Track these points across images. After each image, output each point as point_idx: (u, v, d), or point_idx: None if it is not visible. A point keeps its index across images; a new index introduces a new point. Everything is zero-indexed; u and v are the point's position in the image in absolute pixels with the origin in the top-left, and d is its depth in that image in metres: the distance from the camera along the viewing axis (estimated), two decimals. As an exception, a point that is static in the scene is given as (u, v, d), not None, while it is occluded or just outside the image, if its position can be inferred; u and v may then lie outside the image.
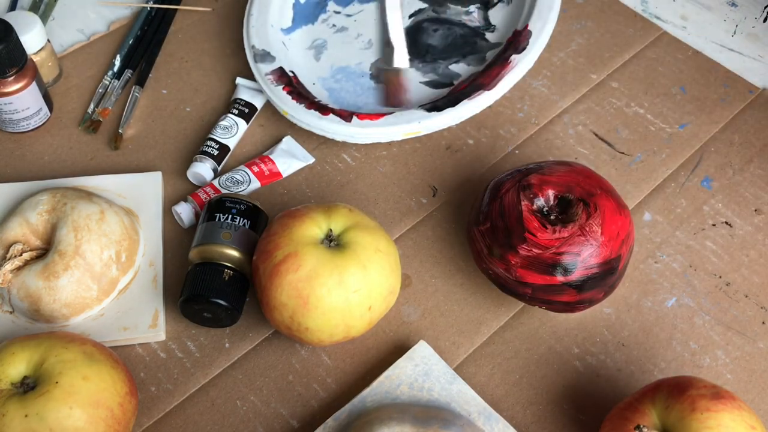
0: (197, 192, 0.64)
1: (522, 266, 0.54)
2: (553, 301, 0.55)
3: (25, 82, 0.66)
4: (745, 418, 0.47)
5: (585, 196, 0.54)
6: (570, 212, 0.54)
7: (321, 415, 0.55)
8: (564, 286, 0.53)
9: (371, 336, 0.59)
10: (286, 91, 0.68)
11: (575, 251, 0.53)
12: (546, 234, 0.53)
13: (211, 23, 0.79)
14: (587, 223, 0.53)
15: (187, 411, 0.56)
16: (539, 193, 0.55)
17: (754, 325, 0.60)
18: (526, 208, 0.54)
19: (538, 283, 0.54)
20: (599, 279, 0.53)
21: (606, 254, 0.53)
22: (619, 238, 0.54)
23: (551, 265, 0.53)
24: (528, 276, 0.54)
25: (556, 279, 0.53)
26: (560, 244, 0.53)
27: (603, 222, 0.53)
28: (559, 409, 0.56)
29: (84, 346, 0.51)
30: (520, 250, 0.53)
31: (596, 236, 0.53)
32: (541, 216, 0.54)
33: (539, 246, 0.53)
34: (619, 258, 0.54)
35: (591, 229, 0.53)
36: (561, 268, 0.53)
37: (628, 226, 0.55)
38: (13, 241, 0.59)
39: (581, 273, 0.53)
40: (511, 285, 0.55)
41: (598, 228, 0.53)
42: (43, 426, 0.47)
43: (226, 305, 0.56)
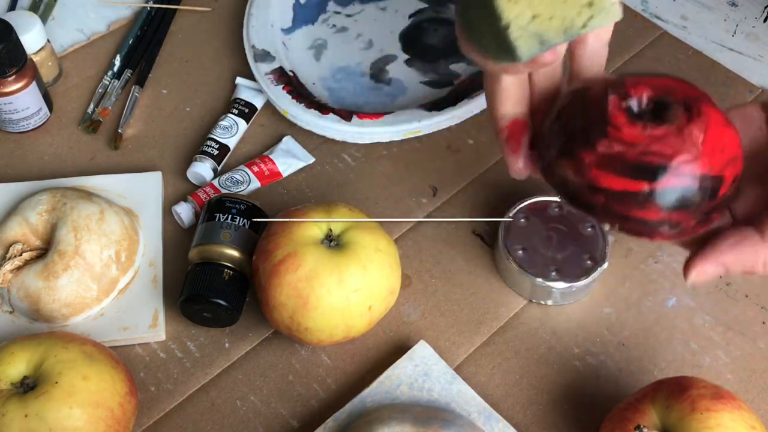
0: (197, 192, 0.64)
1: (598, 166, 0.43)
2: (630, 217, 0.43)
3: (24, 82, 0.66)
4: (745, 418, 0.47)
5: (688, 100, 0.44)
6: (666, 116, 0.43)
7: (321, 415, 0.55)
8: (647, 196, 0.42)
9: (371, 336, 0.59)
10: (286, 91, 0.68)
11: (668, 153, 0.42)
12: (634, 129, 0.42)
13: (211, 23, 0.78)
14: (687, 125, 0.42)
15: (187, 411, 0.56)
16: (632, 93, 0.44)
17: (755, 325, 0.59)
18: (613, 103, 0.44)
19: (615, 188, 0.43)
20: (693, 197, 0.43)
21: (706, 167, 0.42)
22: (725, 154, 0.43)
23: (635, 166, 0.42)
24: (604, 179, 0.43)
25: (639, 185, 0.42)
26: (650, 142, 0.42)
27: (707, 128, 0.42)
28: (559, 409, 0.56)
29: (84, 346, 0.51)
30: (599, 146, 0.43)
31: (696, 142, 0.42)
32: (629, 114, 0.44)
33: (623, 142, 0.42)
34: (721, 180, 0.43)
35: (691, 133, 0.42)
36: (647, 170, 0.42)
37: (737, 148, 0.44)
38: (13, 241, 0.59)
39: (672, 182, 0.42)
40: (581, 192, 0.44)
41: (701, 134, 0.42)
42: (43, 426, 0.47)
43: (225, 305, 0.56)
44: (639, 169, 0.42)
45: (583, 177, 0.44)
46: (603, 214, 0.44)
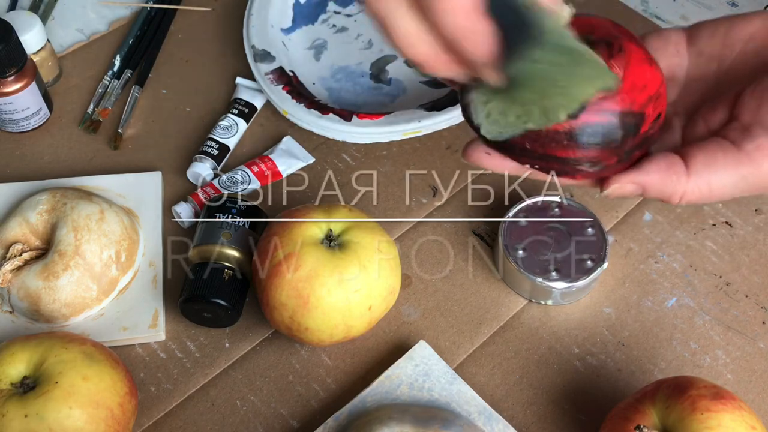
0: (197, 192, 0.64)
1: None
2: (550, 156, 0.43)
3: (24, 82, 0.66)
4: (745, 418, 0.47)
5: (609, 37, 0.43)
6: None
7: (321, 415, 0.55)
8: (567, 134, 0.42)
9: (371, 336, 0.59)
10: (285, 91, 0.68)
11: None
12: None
13: (211, 23, 0.79)
14: (607, 63, 0.41)
15: (186, 411, 0.56)
16: None
17: (755, 325, 0.59)
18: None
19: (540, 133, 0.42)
20: (614, 134, 0.42)
21: (626, 103, 0.41)
22: (645, 91, 0.42)
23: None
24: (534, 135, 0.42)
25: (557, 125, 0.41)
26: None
27: (627, 66, 0.42)
28: (559, 409, 0.56)
29: (84, 346, 0.51)
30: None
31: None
32: None
33: None
34: (642, 116, 0.42)
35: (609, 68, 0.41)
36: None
37: (660, 85, 0.43)
38: (13, 241, 0.59)
39: (591, 119, 0.41)
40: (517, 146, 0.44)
41: (620, 71, 0.42)
42: (43, 426, 0.47)
43: (225, 305, 0.56)
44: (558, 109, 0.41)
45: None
46: (523, 154, 0.43)
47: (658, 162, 0.42)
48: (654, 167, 0.42)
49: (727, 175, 0.41)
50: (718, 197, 0.42)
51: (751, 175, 0.40)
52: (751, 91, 0.42)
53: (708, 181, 0.41)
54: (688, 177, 0.41)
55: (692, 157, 0.41)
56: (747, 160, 0.40)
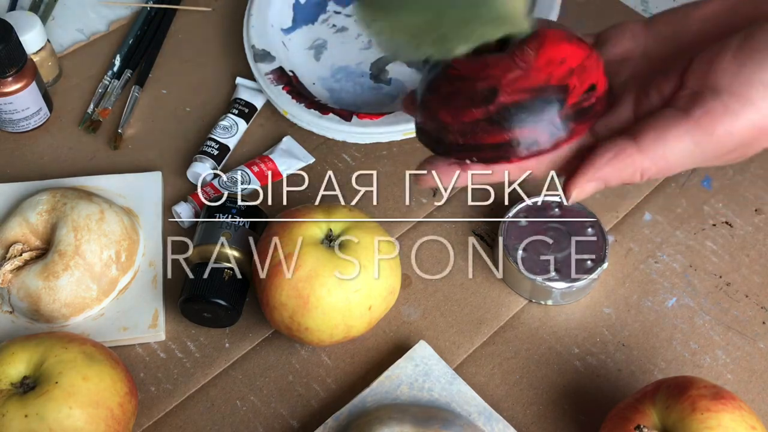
0: (197, 192, 0.64)
1: (442, 106, 0.44)
2: (482, 145, 0.43)
3: (24, 82, 0.66)
4: (745, 418, 0.47)
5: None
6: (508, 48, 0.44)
7: (321, 415, 0.55)
8: (490, 120, 0.43)
9: (371, 336, 0.59)
10: (285, 91, 0.68)
11: (498, 74, 0.42)
12: (470, 64, 0.43)
13: (211, 23, 0.78)
14: (519, 47, 0.42)
15: (186, 411, 0.56)
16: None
17: (755, 325, 0.59)
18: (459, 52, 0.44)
19: (462, 121, 0.43)
20: (533, 110, 0.42)
21: (541, 78, 0.42)
22: (564, 65, 0.43)
23: (471, 94, 0.43)
24: (447, 116, 0.44)
25: (478, 111, 0.43)
26: (482, 70, 0.42)
27: (541, 45, 0.43)
28: (559, 409, 0.56)
29: (84, 346, 0.51)
30: (441, 88, 0.44)
31: (528, 59, 0.42)
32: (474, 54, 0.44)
33: (461, 78, 0.43)
34: (565, 89, 0.43)
35: (522, 53, 0.42)
36: (482, 95, 0.42)
37: (584, 58, 0.43)
38: (13, 241, 0.59)
39: (507, 99, 0.42)
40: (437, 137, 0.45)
41: (533, 51, 0.42)
42: (43, 426, 0.47)
43: (225, 305, 0.56)
44: (475, 97, 0.42)
45: (433, 121, 0.44)
46: (460, 151, 0.44)
47: (605, 151, 0.42)
48: (603, 158, 0.41)
49: (680, 144, 0.40)
50: (679, 167, 0.41)
51: (705, 141, 0.40)
52: (699, 57, 0.41)
53: (663, 154, 0.40)
54: (642, 153, 0.41)
55: (643, 133, 0.41)
56: (697, 126, 0.40)
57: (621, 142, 0.41)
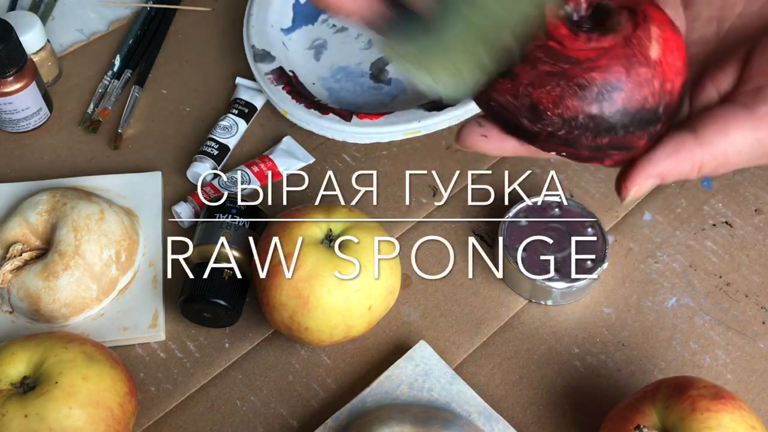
0: (197, 192, 0.64)
1: (539, 86, 0.37)
2: (579, 143, 0.39)
3: (24, 82, 0.66)
4: (745, 418, 0.47)
5: (630, 3, 0.39)
6: (609, 23, 0.38)
7: (321, 415, 0.55)
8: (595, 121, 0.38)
9: (371, 336, 0.59)
10: (285, 91, 0.68)
11: (619, 68, 0.37)
12: (577, 42, 0.37)
13: (211, 23, 0.78)
14: (635, 34, 0.37)
15: (186, 411, 0.56)
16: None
17: (755, 325, 0.59)
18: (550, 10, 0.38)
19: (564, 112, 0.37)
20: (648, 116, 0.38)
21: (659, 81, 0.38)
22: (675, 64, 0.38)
23: (583, 85, 0.37)
24: (547, 99, 0.37)
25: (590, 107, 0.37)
26: (598, 56, 0.37)
27: (658, 37, 0.38)
28: (559, 409, 0.56)
29: (84, 346, 0.51)
30: (539, 64, 0.37)
31: (647, 53, 0.37)
32: (570, 24, 0.38)
33: (567, 59, 0.37)
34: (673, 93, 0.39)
35: (641, 43, 0.37)
36: (598, 90, 0.37)
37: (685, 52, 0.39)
38: (13, 241, 0.59)
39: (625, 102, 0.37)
40: (521, 117, 0.39)
41: (649, 43, 0.37)
42: (43, 426, 0.47)
43: (225, 305, 0.56)
44: (589, 89, 0.37)
45: (523, 99, 0.38)
46: (548, 141, 0.39)
47: (664, 147, 0.39)
48: (662, 154, 0.39)
49: (742, 140, 0.38)
50: (735, 164, 0.39)
51: (767, 138, 0.38)
52: (761, 51, 0.39)
53: (723, 150, 0.39)
54: (701, 148, 0.39)
55: (703, 127, 0.39)
56: (761, 124, 0.38)
57: (680, 135, 0.39)
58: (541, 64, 0.37)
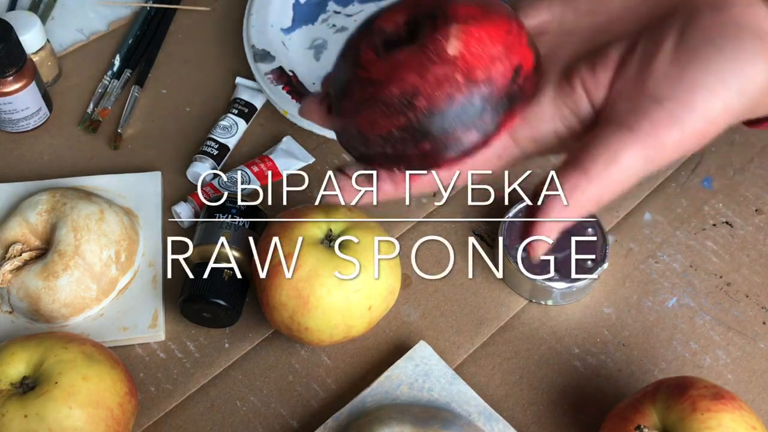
0: (197, 192, 0.64)
1: (356, 114, 0.39)
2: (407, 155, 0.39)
3: (24, 82, 0.66)
4: (745, 418, 0.47)
5: (433, 8, 0.38)
6: (418, 35, 0.38)
7: (321, 416, 0.55)
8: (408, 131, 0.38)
9: (371, 336, 0.59)
10: (285, 91, 0.68)
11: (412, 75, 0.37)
12: (379, 64, 0.38)
13: (211, 23, 0.78)
14: (430, 36, 0.37)
15: (186, 411, 0.56)
16: (385, 25, 0.40)
17: (755, 325, 0.59)
18: (366, 44, 0.39)
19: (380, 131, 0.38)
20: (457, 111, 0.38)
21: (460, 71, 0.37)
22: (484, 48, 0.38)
23: (386, 101, 0.38)
24: (365, 124, 0.39)
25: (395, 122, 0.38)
26: (394, 71, 0.37)
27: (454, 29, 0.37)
28: (559, 409, 0.56)
29: (83, 346, 0.51)
30: (354, 94, 0.39)
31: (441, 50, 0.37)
32: (382, 47, 0.39)
33: (372, 82, 0.38)
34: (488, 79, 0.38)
35: (434, 43, 0.37)
36: (397, 102, 0.37)
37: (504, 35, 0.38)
38: (13, 241, 0.59)
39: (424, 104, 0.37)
40: (356, 145, 0.40)
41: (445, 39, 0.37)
42: (43, 426, 0.47)
43: (225, 305, 0.56)
44: (392, 104, 0.37)
45: (352, 130, 0.40)
46: (384, 161, 0.40)
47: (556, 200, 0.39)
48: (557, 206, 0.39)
49: (633, 162, 0.38)
50: (628, 185, 0.39)
51: (655, 154, 0.38)
52: (636, 61, 0.38)
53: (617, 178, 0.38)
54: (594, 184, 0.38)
55: (590, 161, 0.38)
56: (646, 141, 0.37)
57: (570, 178, 0.39)
58: (357, 93, 0.39)
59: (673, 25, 0.38)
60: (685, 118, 0.37)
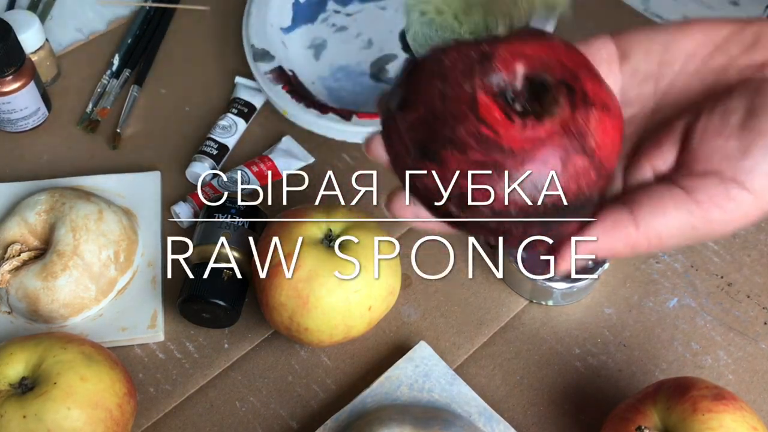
0: (196, 192, 0.64)
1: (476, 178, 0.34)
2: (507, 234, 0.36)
3: (23, 82, 0.66)
4: (746, 418, 0.47)
5: (569, 78, 0.35)
6: (546, 101, 0.35)
7: (321, 416, 0.55)
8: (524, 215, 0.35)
9: (371, 336, 0.59)
10: (285, 90, 0.68)
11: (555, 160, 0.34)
12: (512, 130, 0.33)
13: (210, 22, 0.78)
14: (573, 119, 0.34)
15: (186, 412, 0.56)
16: (502, 68, 0.35)
17: (756, 326, 0.59)
18: (482, 89, 0.34)
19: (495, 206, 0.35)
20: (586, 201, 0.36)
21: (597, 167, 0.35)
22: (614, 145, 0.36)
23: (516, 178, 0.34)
24: (482, 195, 0.34)
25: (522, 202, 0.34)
26: (534, 147, 0.34)
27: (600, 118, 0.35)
28: (560, 409, 0.56)
29: (82, 346, 0.51)
30: (470, 152, 0.34)
31: (585, 140, 0.34)
32: (504, 103, 0.34)
33: (500, 149, 0.33)
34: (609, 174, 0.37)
35: (579, 130, 0.34)
36: (534, 183, 0.34)
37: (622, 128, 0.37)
38: (11, 241, 0.59)
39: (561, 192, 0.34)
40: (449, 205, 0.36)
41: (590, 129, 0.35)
42: (42, 427, 0.47)
43: (225, 306, 0.56)
44: (523, 183, 0.34)
45: (452, 188, 0.35)
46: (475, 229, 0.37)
47: (602, 224, 0.38)
48: (599, 231, 0.38)
49: (678, 224, 0.37)
50: (666, 247, 0.38)
51: (702, 225, 0.37)
52: (700, 132, 0.38)
53: (658, 232, 0.37)
54: (637, 228, 0.37)
55: (639, 206, 0.38)
56: (698, 210, 0.37)
57: (617, 212, 0.38)
58: (472, 152, 0.34)
59: (740, 101, 0.37)
60: (740, 200, 0.37)
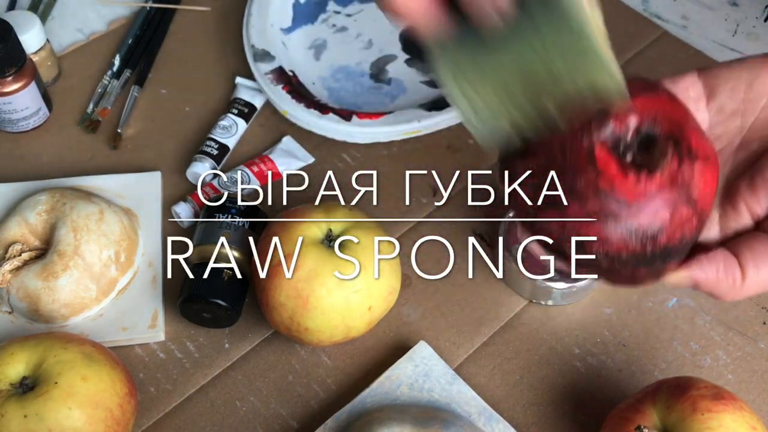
0: (196, 192, 0.64)
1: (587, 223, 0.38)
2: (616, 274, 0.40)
3: (24, 82, 0.66)
4: (746, 418, 0.47)
5: (675, 131, 0.38)
6: (655, 154, 0.38)
7: (321, 416, 0.55)
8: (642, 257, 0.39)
9: (371, 336, 0.59)
10: (285, 91, 0.68)
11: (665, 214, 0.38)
12: (627, 183, 0.37)
13: (211, 23, 0.78)
14: (680, 172, 0.38)
15: (186, 412, 0.56)
16: (616, 122, 0.38)
17: (755, 326, 0.59)
18: (600, 143, 0.38)
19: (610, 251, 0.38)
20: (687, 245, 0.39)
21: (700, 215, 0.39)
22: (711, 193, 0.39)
23: (630, 227, 0.38)
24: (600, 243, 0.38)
25: (634, 247, 0.38)
26: (646, 200, 0.37)
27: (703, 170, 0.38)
28: (559, 409, 0.56)
29: (83, 346, 0.51)
30: (589, 202, 0.38)
31: (690, 192, 0.38)
32: (618, 156, 0.38)
33: (616, 201, 0.37)
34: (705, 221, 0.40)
35: (684, 182, 0.38)
36: (645, 234, 0.38)
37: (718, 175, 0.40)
38: (12, 241, 0.59)
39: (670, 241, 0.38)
40: (565, 247, 0.39)
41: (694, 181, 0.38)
42: (42, 427, 0.47)
43: (225, 305, 0.56)
44: (635, 232, 0.38)
45: (570, 233, 0.39)
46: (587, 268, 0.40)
47: (716, 260, 0.40)
48: (712, 266, 0.40)
49: None
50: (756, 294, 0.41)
51: None
52: None
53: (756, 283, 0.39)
54: (743, 281, 0.39)
55: (743, 257, 0.39)
56: None
57: (730, 259, 0.40)
58: (592, 202, 0.37)
59: None
60: None
